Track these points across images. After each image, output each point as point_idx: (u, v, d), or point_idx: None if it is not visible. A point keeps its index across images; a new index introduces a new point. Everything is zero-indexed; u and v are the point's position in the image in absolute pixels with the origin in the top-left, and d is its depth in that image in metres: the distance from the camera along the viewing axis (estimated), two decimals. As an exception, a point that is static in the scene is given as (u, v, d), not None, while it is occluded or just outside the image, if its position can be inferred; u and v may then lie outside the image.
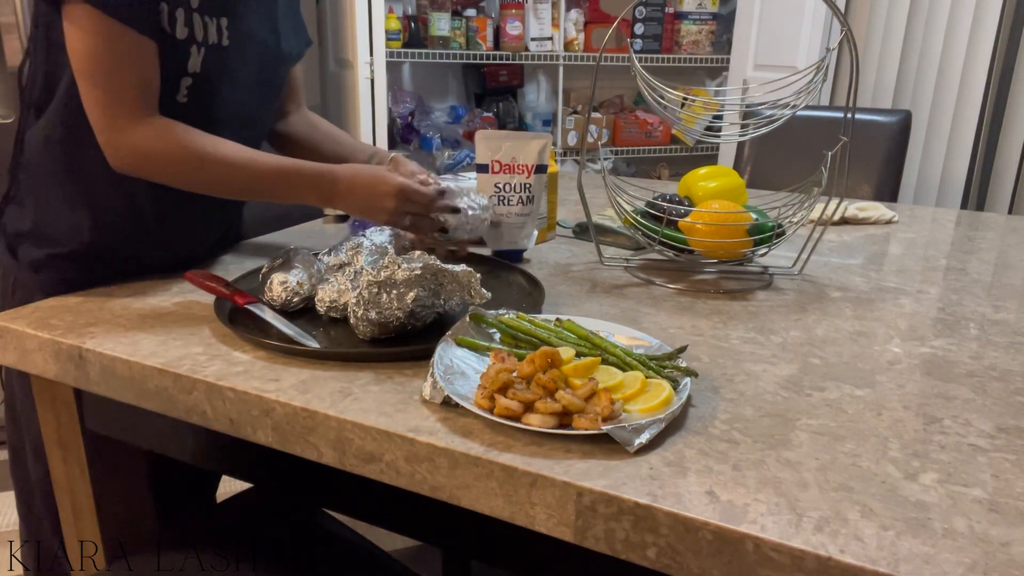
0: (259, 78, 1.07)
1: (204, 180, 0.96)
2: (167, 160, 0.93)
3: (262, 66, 1.06)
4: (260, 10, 1.04)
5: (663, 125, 3.40)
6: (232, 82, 1.01)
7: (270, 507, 1.09)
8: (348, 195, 0.98)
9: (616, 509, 0.58)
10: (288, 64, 1.15)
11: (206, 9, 0.94)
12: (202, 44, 0.95)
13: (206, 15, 0.95)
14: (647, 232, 1.10)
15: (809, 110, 1.99)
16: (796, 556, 0.52)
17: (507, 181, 1.14)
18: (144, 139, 0.91)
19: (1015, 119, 2.48)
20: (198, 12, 0.94)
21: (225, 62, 0.99)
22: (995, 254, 1.30)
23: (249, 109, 1.08)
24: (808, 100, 1.05)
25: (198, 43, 0.94)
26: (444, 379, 0.71)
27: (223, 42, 0.97)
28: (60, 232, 1.01)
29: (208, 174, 0.95)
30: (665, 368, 0.74)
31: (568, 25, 3.19)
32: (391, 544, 1.82)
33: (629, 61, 1.08)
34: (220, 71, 0.99)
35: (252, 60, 1.04)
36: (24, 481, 1.13)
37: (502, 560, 0.71)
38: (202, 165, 0.94)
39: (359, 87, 2.67)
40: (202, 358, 0.80)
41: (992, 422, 0.70)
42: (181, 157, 0.93)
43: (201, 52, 0.95)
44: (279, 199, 1.00)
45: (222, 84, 1.00)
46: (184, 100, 0.97)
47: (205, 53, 0.96)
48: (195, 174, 0.95)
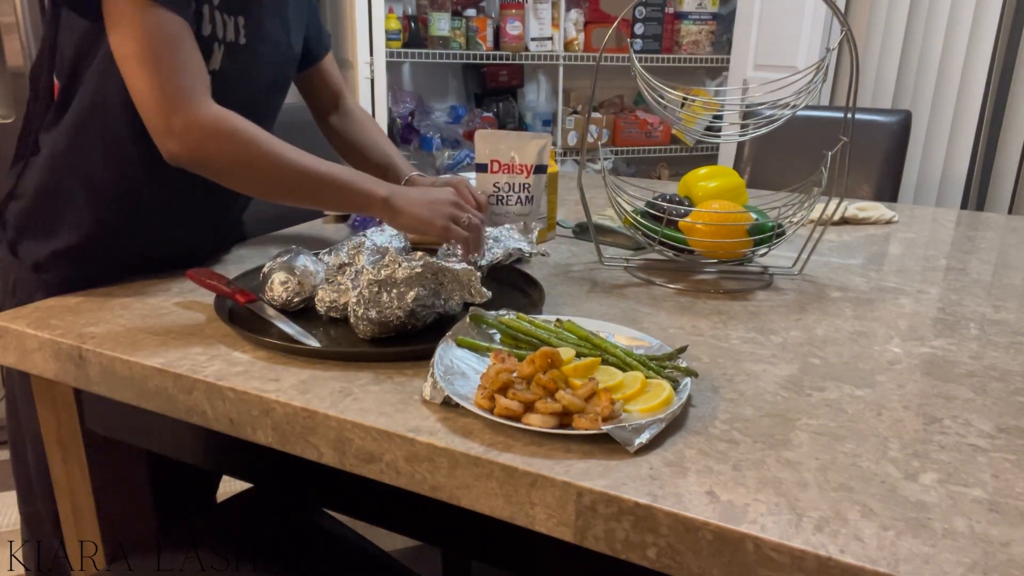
0: (271, 78, 1.07)
1: (258, 173, 0.93)
2: (227, 142, 0.90)
3: (274, 66, 1.07)
4: (273, 9, 1.04)
5: (663, 125, 3.40)
6: (247, 82, 1.02)
7: (270, 507, 1.09)
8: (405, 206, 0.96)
9: (616, 509, 0.58)
10: (296, 64, 1.16)
11: (225, 7, 0.95)
12: (222, 42, 0.95)
13: (225, 13, 0.95)
14: (647, 232, 1.10)
15: (809, 110, 1.99)
16: (796, 556, 0.52)
17: (507, 181, 1.14)
18: (205, 120, 0.88)
19: (1015, 119, 2.48)
20: (219, 10, 0.94)
21: (242, 61, 0.99)
22: (995, 254, 1.30)
23: (259, 109, 1.08)
24: (808, 100, 1.05)
25: (219, 40, 0.94)
26: (444, 379, 0.71)
27: (240, 40, 0.98)
28: (61, 226, 1.01)
29: (263, 166, 0.92)
30: (665, 368, 0.74)
31: (568, 25, 3.19)
32: (391, 544, 1.82)
33: (629, 61, 1.08)
34: (237, 70, 0.99)
35: (266, 60, 1.04)
36: (25, 480, 1.13)
37: (502, 560, 0.71)
38: (256, 155, 0.91)
39: (359, 87, 2.67)
40: (202, 358, 0.80)
41: (992, 422, 0.70)
42: (239, 142, 0.90)
43: (221, 50, 0.95)
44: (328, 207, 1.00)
45: (238, 84, 1.00)
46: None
47: (225, 51, 0.96)
48: (250, 164, 0.92)
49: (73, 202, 1.00)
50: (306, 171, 0.93)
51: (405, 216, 0.96)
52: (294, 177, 0.93)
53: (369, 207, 0.96)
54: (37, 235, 1.03)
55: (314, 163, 0.94)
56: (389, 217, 0.96)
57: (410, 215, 0.95)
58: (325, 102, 1.29)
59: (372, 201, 0.95)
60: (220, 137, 0.89)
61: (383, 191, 0.95)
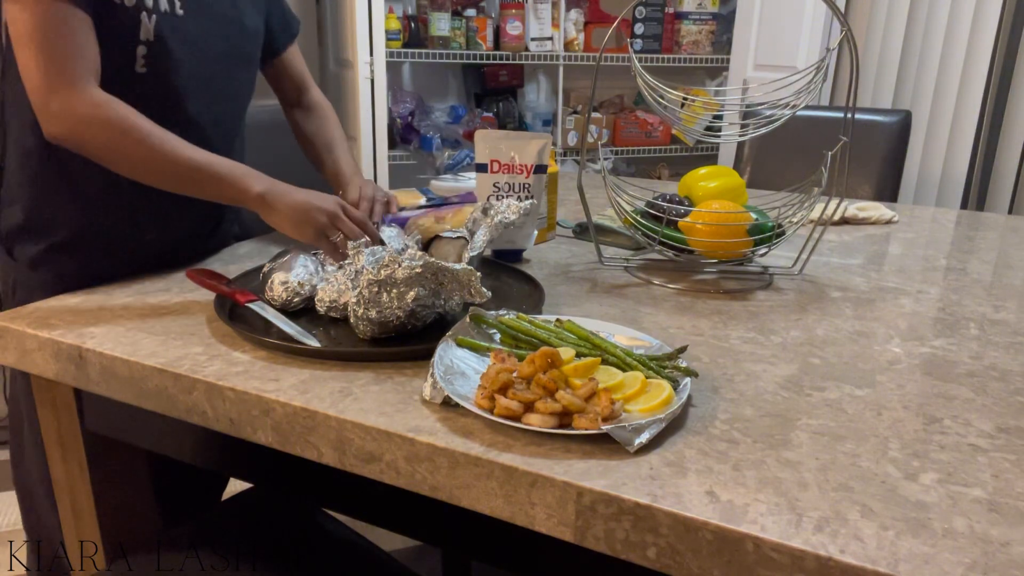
0: (222, 51, 1.08)
1: (131, 159, 0.94)
2: (99, 128, 0.92)
3: (225, 39, 1.07)
4: None
5: (663, 125, 3.40)
6: (193, 52, 1.02)
7: (270, 507, 1.09)
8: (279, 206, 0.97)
9: (616, 509, 0.58)
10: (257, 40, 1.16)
11: None
12: (153, 11, 0.96)
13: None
14: (647, 232, 1.10)
15: (809, 110, 1.99)
16: (796, 556, 0.52)
17: (507, 181, 1.14)
18: (82, 105, 0.91)
19: (1015, 119, 2.48)
20: None
21: (182, 31, 1.00)
22: (995, 254, 1.30)
23: (218, 82, 1.08)
24: (808, 100, 1.05)
25: (148, 10, 0.96)
26: (444, 379, 0.71)
27: (177, 11, 0.99)
28: (52, 222, 1.02)
29: (136, 153, 0.94)
30: (665, 368, 0.74)
31: (568, 25, 3.18)
32: (391, 544, 1.82)
33: (629, 61, 1.08)
34: (178, 40, 1.00)
35: (213, 31, 1.05)
36: (25, 480, 1.13)
37: (502, 560, 0.71)
38: (130, 142, 0.93)
39: (359, 87, 2.67)
40: (202, 358, 0.80)
41: (992, 422, 0.70)
42: (114, 129, 0.92)
43: (153, 19, 0.96)
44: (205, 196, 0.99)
45: (182, 54, 1.01)
46: (143, 70, 0.98)
47: (157, 21, 0.97)
48: (123, 150, 0.94)
49: (60, 199, 1.01)
50: (181, 161, 0.95)
51: (277, 215, 0.97)
52: (168, 166, 0.95)
53: (244, 200, 0.98)
54: (30, 234, 1.03)
55: (191, 154, 0.95)
56: (264, 213, 0.98)
57: (282, 215, 0.97)
58: (288, 94, 1.30)
59: (247, 196, 0.97)
60: (95, 123, 0.91)
61: (259, 187, 0.97)
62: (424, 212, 1.15)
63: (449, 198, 1.50)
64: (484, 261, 1.11)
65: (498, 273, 1.07)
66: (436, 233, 1.06)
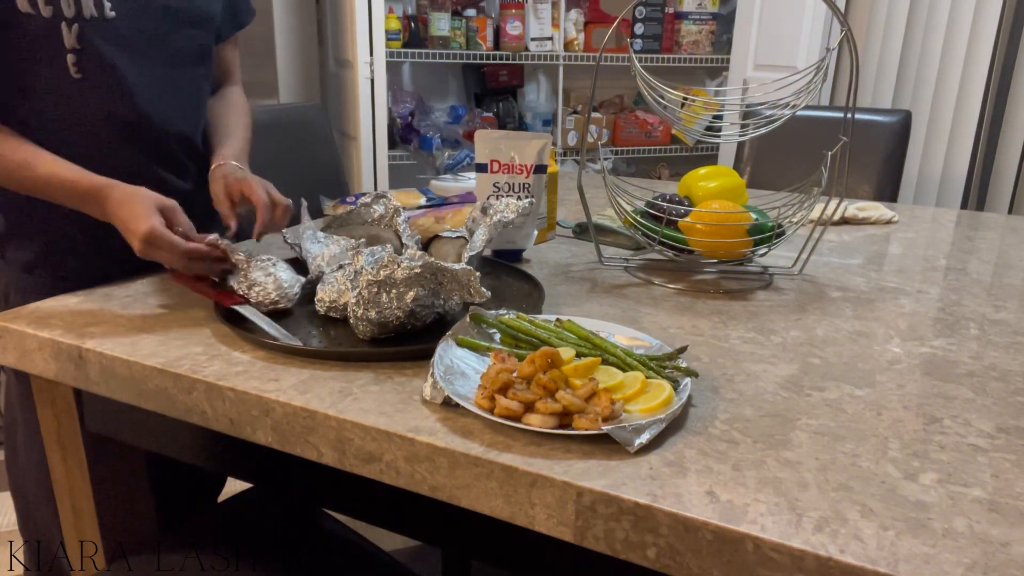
0: (168, 42, 1.06)
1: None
2: None
3: (170, 29, 1.06)
4: None
5: (663, 125, 3.40)
6: (127, 52, 1.02)
7: (270, 507, 1.09)
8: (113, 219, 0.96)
9: (616, 509, 0.58)
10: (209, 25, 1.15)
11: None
12: (75, 20, 0.96)
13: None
14: (647, 232, 1.10)
15: (809, 110, 1.99)
16: (796, 556, 0.52)
17: (507, 181, 1.14)
18: None
19: (1015, 119, 2.48)
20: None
21: (111, 34, 0.99)
22: (995, 254, 1.30)
23: (179, 81, 1.08)
24: (808, 100, 1.05)
25: (68, 20, 0.96)
26: (444, 379, 0.71)
27: (106, 14, 0.98)
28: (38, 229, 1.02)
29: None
30: (665, 368, 0.74)
31: (568, 25, 3.18)
32: (391, 544, 1.82)
33: (629, 61, 1.08)
34: (109, 43, 0.99)
35: (150, 27, 1.04)
36: (21, 480, 1.13)
37: (502, 560, 0.71)
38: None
39: (359, 87, 2.67)
40: (202, 358, 0.80)
41: (992, 422, 0.70)
42: None
43: (74, 28, 0.96)
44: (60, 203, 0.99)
45: (115, 56, 1.00)
46: (79, 76, 0.98)
47: (80, 28, 0.97)
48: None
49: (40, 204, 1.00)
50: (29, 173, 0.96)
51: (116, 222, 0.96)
52: (18, 176, 0.96)
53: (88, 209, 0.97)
54: (20, 239, 1.03)
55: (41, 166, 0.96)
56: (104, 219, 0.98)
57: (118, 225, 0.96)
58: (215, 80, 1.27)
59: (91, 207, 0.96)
60: None
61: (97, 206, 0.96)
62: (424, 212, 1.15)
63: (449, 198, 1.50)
64: (484, 261, 1.11)
65: (498, 273, 1.07)
66: (435, 233, 1.06)
